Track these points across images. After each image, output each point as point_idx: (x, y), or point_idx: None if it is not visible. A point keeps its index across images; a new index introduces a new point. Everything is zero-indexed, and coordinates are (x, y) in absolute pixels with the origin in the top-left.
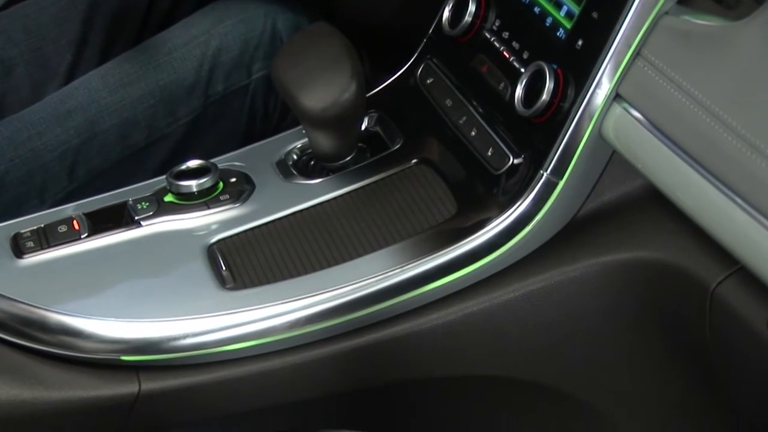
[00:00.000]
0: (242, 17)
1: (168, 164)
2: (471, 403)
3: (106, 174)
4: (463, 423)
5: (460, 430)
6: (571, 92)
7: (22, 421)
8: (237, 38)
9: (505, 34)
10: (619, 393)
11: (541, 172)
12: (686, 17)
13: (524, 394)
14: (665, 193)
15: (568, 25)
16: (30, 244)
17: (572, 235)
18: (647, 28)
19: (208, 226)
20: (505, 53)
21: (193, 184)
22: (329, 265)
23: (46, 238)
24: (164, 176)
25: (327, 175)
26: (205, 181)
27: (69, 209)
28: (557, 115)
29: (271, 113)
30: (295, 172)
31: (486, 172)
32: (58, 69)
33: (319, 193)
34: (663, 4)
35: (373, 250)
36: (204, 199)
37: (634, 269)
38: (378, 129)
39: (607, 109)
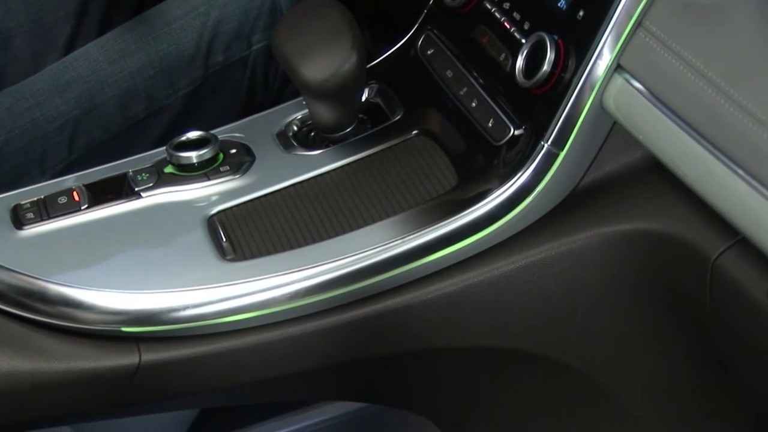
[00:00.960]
0: None
1: (168, 135)
2: (471, 374)
3: (106, 145)
4: (464, 394)
5: (460, 400)
6: (572, 63)
7: (23, 392)
8: (237, 9)
9: (506, 5)
10: (620, 363)
11: (542, 143)
12: None
13: (525, 365)
14: (666, 165)
15: None
16: (30, 215)
17: (573, 206)
18: None
19: (208, 197)
20: (505, 24)
21: (193, 156)
22: (329, 237)
23: (46, 209)
24: (164, 147)
25: (327, 146)
26: (205, 152)
27: (69, 180)
28: (558, 86)
29: (271, 84)
30: (295, 144)
31: (486, 144)
32: (58, 40)
33: (320, 164)
34: None
35: (374, 221)
36: (204, 171)
37: (635, 240)
38: (378, 100)
39: (608, 80)
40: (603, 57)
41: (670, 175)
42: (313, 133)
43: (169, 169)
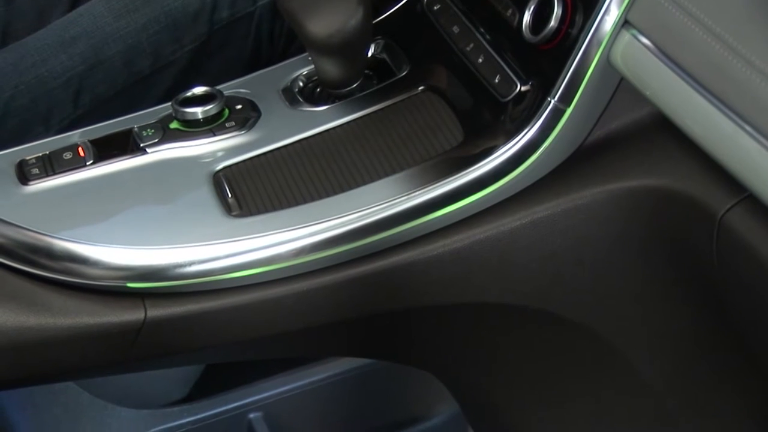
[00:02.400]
0: None
1: (173, 92)
2: (477, 330)
3: (111, 101)
4: (468, 350)
5: (464, 357)
6: (579, 19)
7: (28, 347)
8: None
9: None
10: (626, 320)
11: (549, 99)
12: None
13: (530, 322)
14: (673, 121)
15: None
16: (35, 171)
17: (579, 162)
18: None
19: (213, 153)
20: None
21: (198, 111)
22: (335, 193)
23: (51, 165)
24: (169, 103)
25: (333, 102)
26: (210, 108)
27: (74, 136)
28: (565, 41)
29: (277, 40)
30: (301, 99)
31: (493, 100)
32: None
33: (326, 120)
34: None
35: (380, 177)
36: (209, 126)
37: (641, 197)
38: (384, 56)
39: (616, 36)
40: (610, 13)
41: (677, 132)
42: (318, 89)
43: (174, 125)
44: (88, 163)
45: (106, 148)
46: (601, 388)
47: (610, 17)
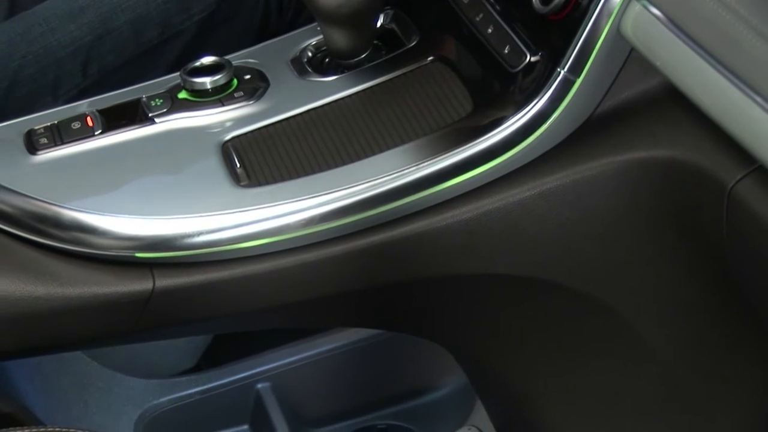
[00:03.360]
0: None
1: (182, 62)
2: (485, 301)
3: (119, 71)
4: (477, 321)
5: (473, 328)
6: None
7: (37, 317)
8: None
9: None
10: (635, 291)
11: (558, 69)
12: None
13: (539, 293)
14: (683, 92)
15: None
16: (43, 140)
17: (589, 133)
18: None
19: (222, 123)
20: None
21: (207, 81)
22: (344, 163)
23: (60, 134)
24: (178, 73)
25: (342, 72)
26: (219, 77)
27: (82, 106)
28: (575, 12)
29: (286, 10)
30: (309, 70)
31: (502, 70)
32: None
33: (334, 90)
34: None
35: (389, 148)
36: (218, 96)
37: (650, 168)
38: (393, 26)
39: (626, 6)
40: None
41: (686, 103)
42: (327, 59)
43: (183, 95)
44: (96, 133)
45: (114, 118)
46: (609, 359)
47: None
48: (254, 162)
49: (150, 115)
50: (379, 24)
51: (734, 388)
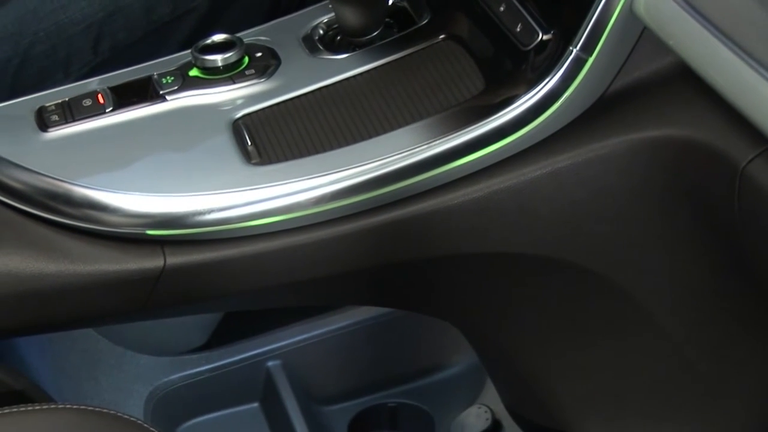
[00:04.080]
0: None
1: (193, 39)
2: (496, 280)
3: (131, 49)
4: (488, 300)
5: (484, 306)
6: None
7: (47, 294)
8: None
9: None
10: (646, 270)
11: (571, 48)
12: None
13: (551, 272)
14: (696, 71)
15: None
16: (55, 117)
17: (600, 112)
18: None
19: (233, 100)
20: None
21: (218, 59)
22: (355, 141)
23: (71, 111)
24: (189, 50)
25: (353, 50)
26: (230, 55)
27: (94, 83)
28: None
29: None
30: (321, 47)
31: (514, 48)
32: None
33: (346, 68)
34: None
35: (400, 126)
36: (229, 74)
37: (662, 147)
38: (405, 4)
39: None
40: None
41: (699, 82)
42: (339, 37)
43: (194, 72)
44: (107, 110)
45: (125, 95)
46: (620, 338)
47: None
48: (265, 140)
49: (161, 92)
50: (390, 2)
51: (745, 369)
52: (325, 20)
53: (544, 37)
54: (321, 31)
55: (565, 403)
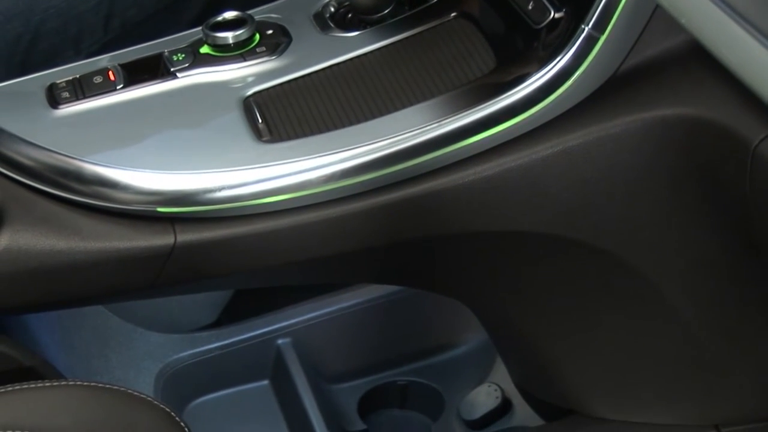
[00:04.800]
0: None
1: (203, 16)
2: (507, 258)
3: (141, 26)
4: (498, 278)
5: (494, 285)
6: None
7: (57, 270)
8: None
9: None
10: (657, 249)
11: (583, 26)
12: None
13: (561, 251)
14: (708, 49)
15: None
16: (65, 94)
17: (612, 91)
18: None
19: (244, 78)
20: None
21: (229, 36)
22: (366, 119)
23: (82, 88)
24: (200, 28)
25: (364, 28)
26: (241, 32)
27: (104, 60)
28: None
29: None
30: (332, 25)
31: (526, 26)
32: None
33: (357, 46)
34: None
35: (411, 104)
36: (240, 51)
37: (674, 126)
38: None
39: None
40: None
41: (711, 61)
42: (350, 15)
43: (204, 50)
44: (118, 87)
45: (136, 73)
46: (629, 317)
47: None
48: (276, 117)
49: (172, 69)
50: None
51: (755, 347)
52: None
53: (556, 15)
54: (332, 9)
55: (574, 382)
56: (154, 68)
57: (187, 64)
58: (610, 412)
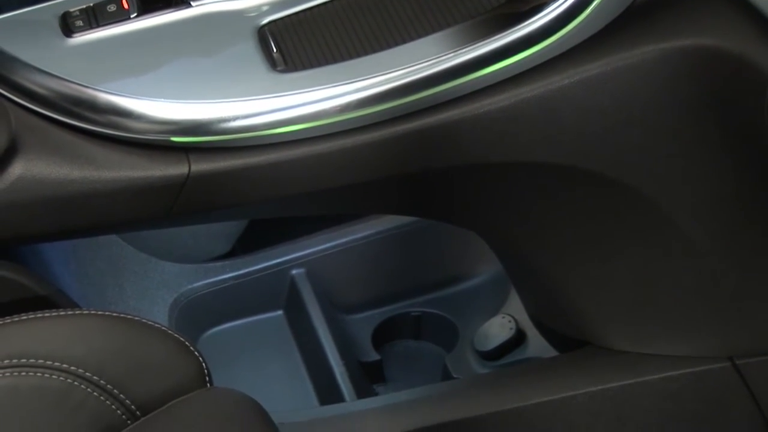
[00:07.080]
0: None
1: None
2: (523, 190)
3: None
4: (514, 210)
5: (510, 217)
6: None
7: (72, 200)
8: None
9: None
10: (673, 181)
11: None
12: None
13: (578, 182)
14: None
15: None
16: (79, 23)
17: (630, 21)
18: None
19: (258, 7)
20: None
21: None
22: (382, 49)
23: (95, 17)
24: None
25: None
26: None
27: None
28: None
29: None
30: None
31: None
32: None
33: None
34: None
35: (427, 33)
36: None
37: (693, 56)
38: None
39: None
40: None
41: None
42: None
43: None
44: (132, 16)
45: (150, 1)
46: (646, 248)
47: None
48: (291, 46)
49: None
50: None
51: None
52: None
53: None
54: None
55: (589, 313)
56: None
57: None
58: (625, 343)
